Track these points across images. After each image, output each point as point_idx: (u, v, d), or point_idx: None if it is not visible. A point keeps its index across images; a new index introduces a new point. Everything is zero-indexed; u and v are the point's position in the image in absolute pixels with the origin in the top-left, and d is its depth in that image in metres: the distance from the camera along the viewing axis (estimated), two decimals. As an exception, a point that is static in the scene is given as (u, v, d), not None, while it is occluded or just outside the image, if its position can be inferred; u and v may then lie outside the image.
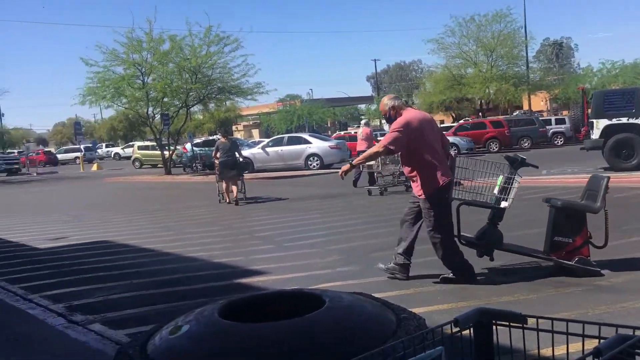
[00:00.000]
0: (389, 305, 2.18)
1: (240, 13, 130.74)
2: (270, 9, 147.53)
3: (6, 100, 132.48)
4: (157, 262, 7.14)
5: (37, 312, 5.16)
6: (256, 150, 23.66)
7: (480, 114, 38.69)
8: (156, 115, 27.78)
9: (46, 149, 60.61)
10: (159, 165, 28.72)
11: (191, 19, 40.31)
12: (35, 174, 35.03)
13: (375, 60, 70.91)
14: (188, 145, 28.45)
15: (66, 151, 53.73)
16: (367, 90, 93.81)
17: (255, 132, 59.20)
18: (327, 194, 13.59)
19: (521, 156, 5.53)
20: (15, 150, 54.13)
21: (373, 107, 57.50)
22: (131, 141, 54.98)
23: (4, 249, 9.05)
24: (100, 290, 5.94)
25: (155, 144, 29.02)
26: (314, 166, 21.95)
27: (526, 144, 27.94)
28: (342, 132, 38.11)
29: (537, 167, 5.89)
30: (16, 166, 37.53)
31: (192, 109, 29.04)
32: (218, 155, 12.82)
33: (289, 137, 24.29)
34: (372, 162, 11.80)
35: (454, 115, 44.16)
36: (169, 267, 6.79)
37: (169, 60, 24.78)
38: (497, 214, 5.42)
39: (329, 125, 60.91)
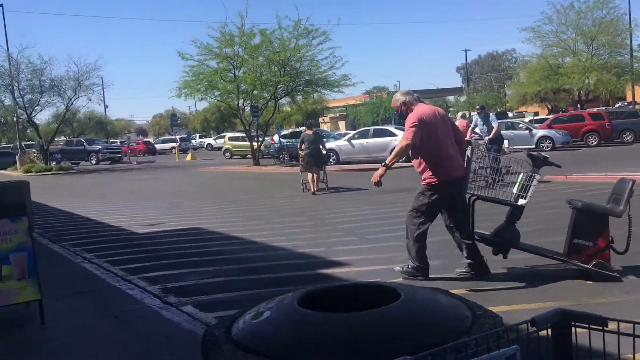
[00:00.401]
0: (464, 301, 2.19)
1: (329, 5, 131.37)
2: (358, 0, 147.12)
3: (110, 92, 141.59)
4: (244, 250, 7.44)
5: (135, 292, 5.56)
6: (342, 142, 23.81)
7: (578, 105, 36.72)
8: (246, 107, 28.63)
9: (145, 139, 64.23)
10: (248, 156, 29.62)
11: (281, 12, 41.03)
12: (135, 163, 37.23)
13: (465, 50, 68.83)
14: (276, 137, 29.11)
15: (163, 141, 56.61)
16: (456, 81, 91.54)
17: (342, 124, 59.48)
18: (410, 187, 13.47)
19: (543, 154, 5.49)
20: (118, 140, 57.60)
21: (462, 98, 56.04)
22: (222, 132, 57.07)
23: (107, 232, 9.76)
24: (193, 274, 6.28)
25: (244, 135, 29.93)
26: (399, 159, 21.77)
27: (629, 138, 26.17)
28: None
29: (559, 166, 5.81)
30: (119, 155, 40.09)
31: (280, 101, 29.66)
32: (303, 146, 13.47)
33: (374, 129, 24.24)
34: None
35: (549, 106, 42.19)
36: (256, 255, 7.05)
37: (259, 54, 25.45)
38: (515, 211, 5.37)
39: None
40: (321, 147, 13.63)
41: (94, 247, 8.34)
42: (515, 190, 5.35)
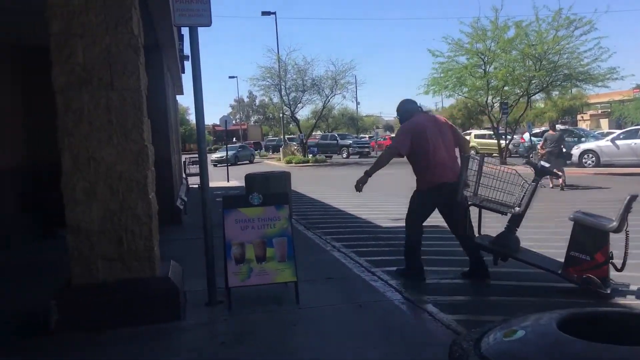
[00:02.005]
0: None
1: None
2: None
3: (362, 90, 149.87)
4: (485, 253, 7.14)
5: (378, 284, 5.74)
6: (603, 142, 21.32)
7: None
8: (495, 104, 27.58)
9: (392, 135, 66.28)
10: (495, 155, 28.49)
11: (539, 2, 38.48)
12: (381, 158, 38.68)
13: None
14: (526, 135, 27.45)
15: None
16: None
17: (604, 122, 53.32)
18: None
19: (543, 164, 5.69)
20: (367, 135, 60.58)
21: None
22: (468, 130, 55.92)
23: (355, 224, 10.31)
24: (434, 273, 6.25)
25: (492, 133, 28.87)
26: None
27: None
28: None
29: (559, 175, 6.23)
30: (367, 149, 42.16)
31: (533, 97, 27.88)
32: (544, 145, 15.00)
33: (646, 129, 21.21)
34: None
35: None
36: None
37: (512, 48, 24.26)
38: (514, 219, 5.55)
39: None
40: (562, 147, 15.12)
41: (342, 237, 8.88)
42: (513, 199, 5.51)
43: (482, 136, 34.82)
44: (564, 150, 15.47)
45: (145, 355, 4.03)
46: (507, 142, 26.03)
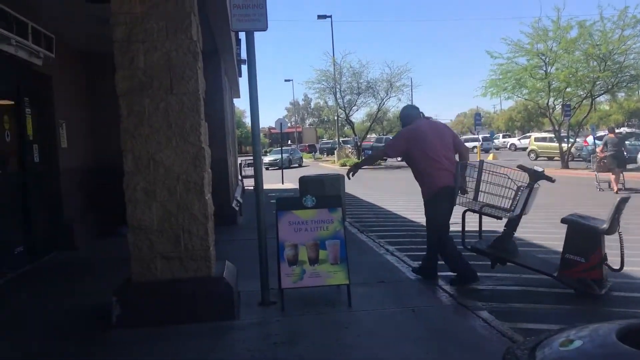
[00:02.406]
0: None
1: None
2: None
3: (418, 92, 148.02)
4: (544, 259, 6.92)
5: (432, 289, 5.66)
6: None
7: None
8: (556, 106, 26.70)
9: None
10: (556, 158, 27.60)
11: (603, 1, 37.02)
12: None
13: None
14: (589, 138, 26.44)
15: (465, 140, 56.55)
16: None
17: (675, 125, 50.72)
18: None
19: (537, 168, 5.76)
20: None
21: None
22: (528, 132, 54.39)
23: (408, 228, 10.21)
24: (489, 279, 6.12)
25: (553, 135, 27.97)
26: None
27: None
28: None
29: (553, 180, 5.86)
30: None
31: (597, 99, 26.82)
32: (604, 149, 15.21)
33: None
34: None
35: None
36: (555, 265, 6.48)
37: (575, 48, 23.43)
38: (511, 223, 5.72)
39: None
40: (623, 150, 15.27)
41: (396, 240, 8.82)
42: (508, 203, 5.68)
43: (543, 139, 33.80)
44: (625, 154, 15.64)
45: (203, 352, 4.12)
46: (570, 145, 25.14)
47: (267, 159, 37.61)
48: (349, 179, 6.41)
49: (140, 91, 4.75)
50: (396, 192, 17.16)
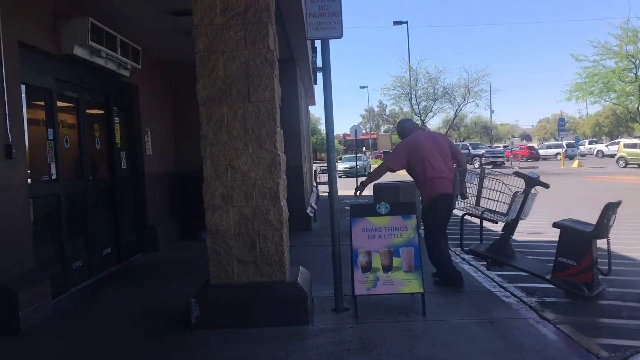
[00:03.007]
0: None
1: None
2: None
3: (497, 98, 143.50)
4: (637, 273, 6.52)
5: (511, 301, 5.47)
6: None
7: None
8: (648, 111, 25.17)
9: (529, 144, 62.97)
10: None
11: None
12: (517, 168, 36.90)
13: None
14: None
15: (548, 147, 54.43)
16: None
17: None
18: None
19: (533, 174, 5.96)
20: (501, 145, 58.07)
21: None
22: (616, 138, 51.47)
23: (486, 236, 9.90)
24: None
25: (644, 142, 26.35)
26: None
27: None
28: None
29: (548, 186, 5.89)
30: (500, 159, 40.38)
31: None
32: None
33: None
34: None
35: None
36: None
37: (668, 49, 22.03)
38: (508, 227, 5.98)
39: None
40: None
41: (472, 249, 8.57)
42: (506, 208, 5.89)
43: (633, 145, 31.86)
44: None
45: (278, 356, 4.18)
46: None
47: (340, 167, 37.00)
48: (357, 196, 6.51)
49: (219, 99, 4.91)
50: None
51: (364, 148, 67.78)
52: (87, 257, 7.08)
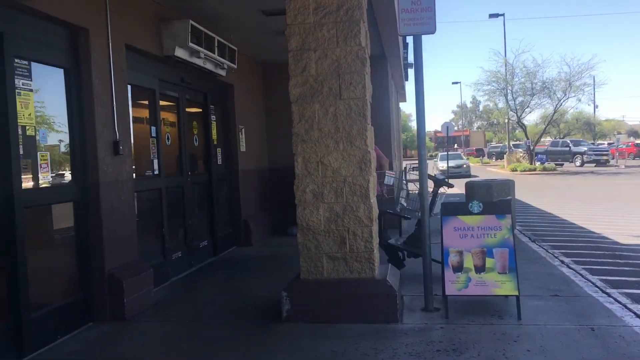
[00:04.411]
0: None
1: None
2: None
3: (601, 92, 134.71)
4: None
5: (615, 307, 5.13)
6: None
7: None
8: None
9: (637, 141, 58.70)
10: None
11: None
12: (623, 167, 34.58)
13: None
14: None
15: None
16: None
17: None
18: None
19: (440, 175, 7.35)
20: (605, 142, 54.56)
21: None
22: None
23: (587, 238, 9.38)
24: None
25: None
26: None
27: None
28: None
29: (452, 185, 6.79)
30: (605, 157, 37.93)
31: None
32: None
33: None
34: None
35: None
36: None
37: None
38: (419, 223, 5.88)
39: None
40: None
41: (572, 251, 8.17)
42: (417, 205, 6.16)
43: None
44: None
45: (368, 353, 4.19)
46: None
47: (443, 165, 30.94)
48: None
49: (311, 97, 4.98)
50: (571, 199, 15.90)
51: (456, 145, 66.15)
52: (186, 248, 7.44)
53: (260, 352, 4.37)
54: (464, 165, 33.20)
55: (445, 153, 29.95)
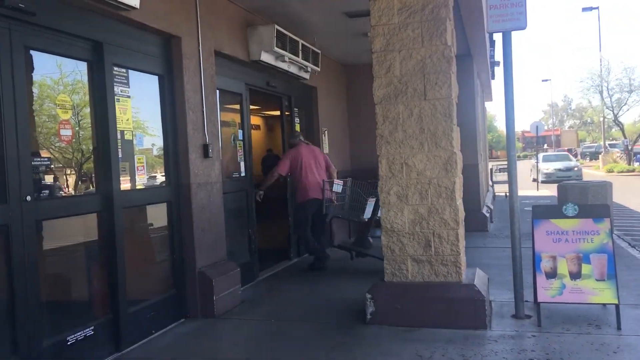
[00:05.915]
0: None
1: None
2: None
3: None
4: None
5: None
6: None
7: None
8: None
9: None
10: None
11: None
12: None
13: None
14: None
15: None
16: None
17: None
18: None
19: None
20: None
21: None
22: None
23: None
24: None
25: None
26: None
27: None
28: None
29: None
30: None
31: None
32: None
33: None
34: None
35: None
36: None
37: None
38: (366, 226, 7.22)
39: None
40: None
41: (678, 258, 7.57)
42: (365, 212, 7.24)
43: None
44: None
45: (455, 359, 4.09)
46: None
47: (547, 168, 27.42)
48: (259, 200, 7.23)
49: (395, 98, 4.93)
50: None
51: (545, 145, 63.31)
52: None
53: (345, 352, 4.37)
54: (575, 168, 27.47)
55: (549, 153, 28.40)
